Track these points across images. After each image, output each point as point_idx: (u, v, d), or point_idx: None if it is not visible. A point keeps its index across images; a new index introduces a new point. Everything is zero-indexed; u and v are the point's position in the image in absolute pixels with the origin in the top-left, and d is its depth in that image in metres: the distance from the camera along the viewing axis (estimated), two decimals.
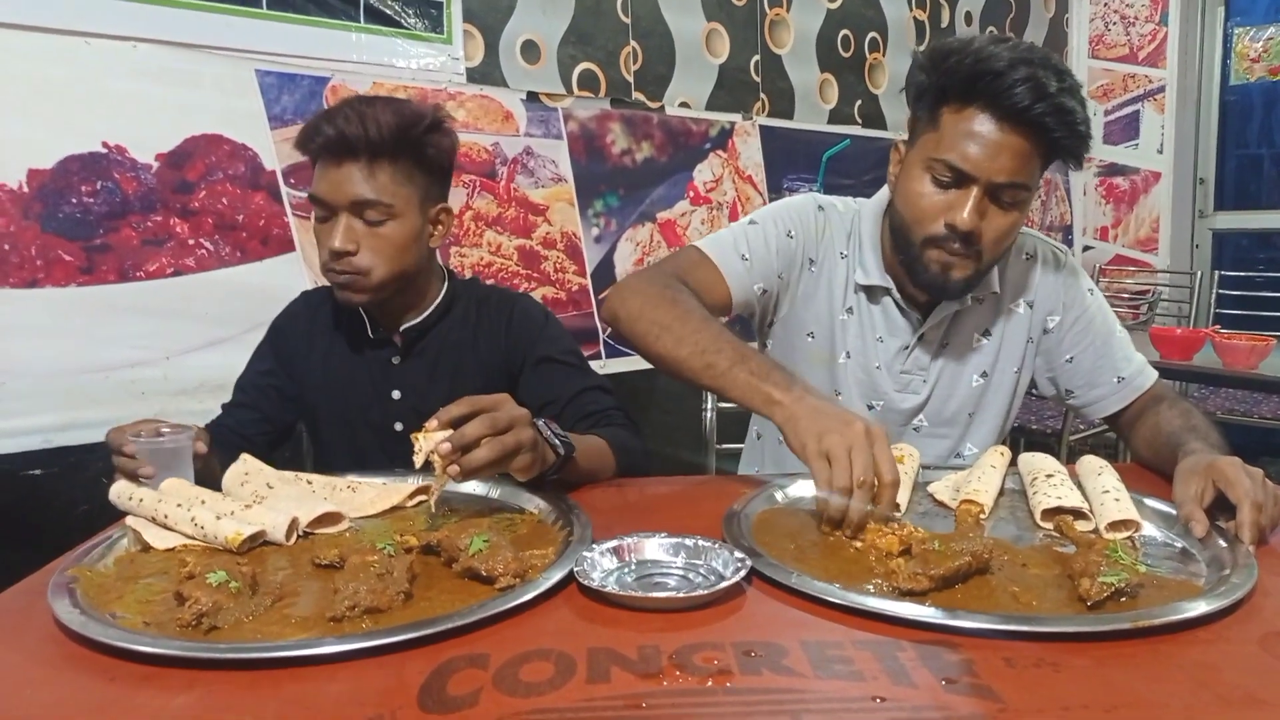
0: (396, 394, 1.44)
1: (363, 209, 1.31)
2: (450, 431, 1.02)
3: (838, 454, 0.98)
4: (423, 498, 1.16)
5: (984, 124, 1.19)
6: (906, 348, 1.42)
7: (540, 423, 1.14)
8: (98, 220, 1.95)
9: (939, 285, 1.30)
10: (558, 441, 1.14)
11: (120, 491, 1.07)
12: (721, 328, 1.22)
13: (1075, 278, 1.45)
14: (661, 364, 1.26)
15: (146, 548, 0.99)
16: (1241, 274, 4.15)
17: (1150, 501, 1.08)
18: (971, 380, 1.44)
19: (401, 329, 1.44)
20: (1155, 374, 1.44)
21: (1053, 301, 1.44)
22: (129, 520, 1.03)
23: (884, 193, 1.41)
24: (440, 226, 1.42)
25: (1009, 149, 1.19)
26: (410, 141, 1.32)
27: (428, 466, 1.02)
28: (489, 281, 2.56)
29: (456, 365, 1.45)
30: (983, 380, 1.44)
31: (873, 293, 1.42)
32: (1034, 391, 1.52)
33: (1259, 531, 0.96)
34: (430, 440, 1.01)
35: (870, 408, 1.44)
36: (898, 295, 1.40)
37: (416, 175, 1.35)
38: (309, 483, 1.17)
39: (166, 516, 1.01)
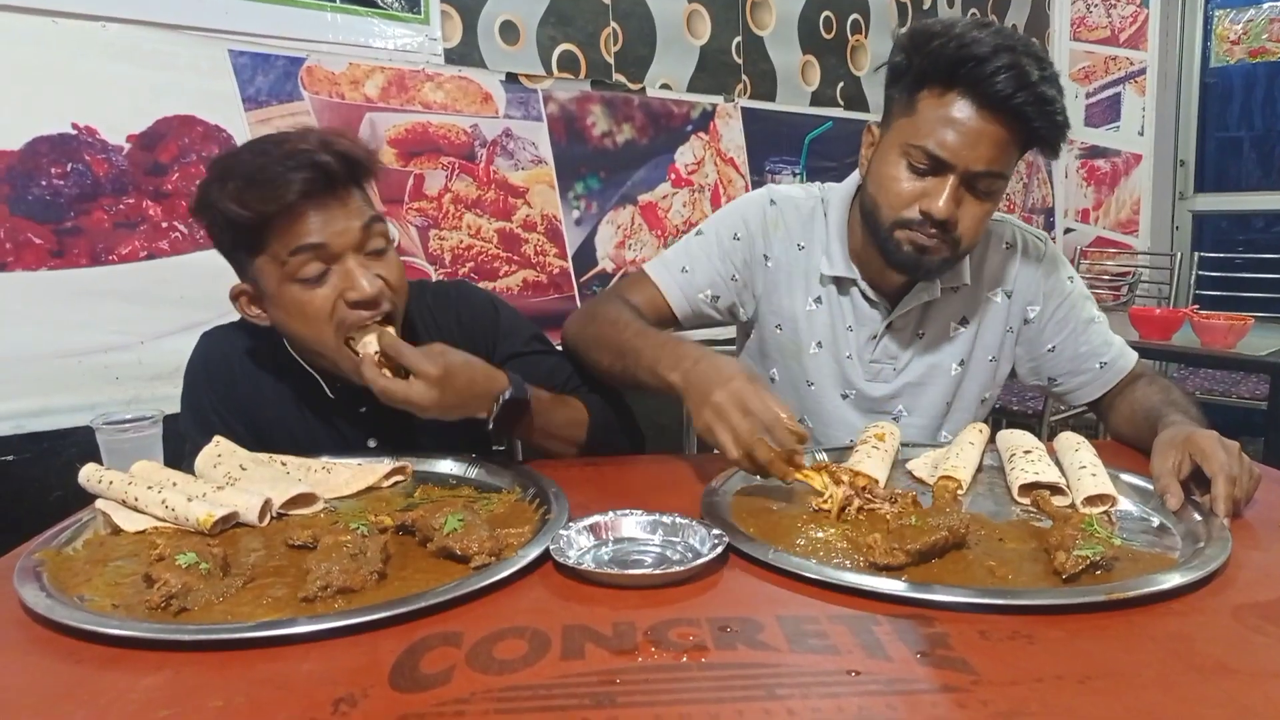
0: (372, 442, 1.30)
1: (368, 239, 1.15)
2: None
3: (731, 421, 1.03)
4: (399, 478, 1.15)
5: (963, 111, 1.17)
6: (875, 336, 1.40)
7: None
8: (68, 203, 1.91)
9: (912, 265, 1.27)
10: (508, 389, 1.16)
11: (90, 474, 1.05)
12: (629, 324, 1.27)
13: (1055, 266, 1.43)
14: (608, 380, 1.32)
15: (116, 530, 0.98)
16: (1221, 255, 4.17)
17: (1126, 477, 1.08)
18: (950, 369, 1.43)
19: None
20: (1135, 355, 1.44)
21: (1032, 292, 1.42)
22: (98, 503, 1.02)
23: (854, 178, 1.39)
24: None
25: (988, 137, 1.17)
26: (376, 160, 1.21)
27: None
28: (467, 265, 2.57)
29: None
30: (960, 369, 1.43)
31: (840, 283, 1.40)
32: (1015, 379, 1.52)
33: (1233, 505, 0.96)
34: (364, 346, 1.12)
35: (844, 396, 1.44)
36: (864, 285, 1.38)
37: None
38: (283, 464, 1.15)
39: (137, 499, 1.00)
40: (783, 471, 1.01)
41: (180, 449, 1.24)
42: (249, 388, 1.30)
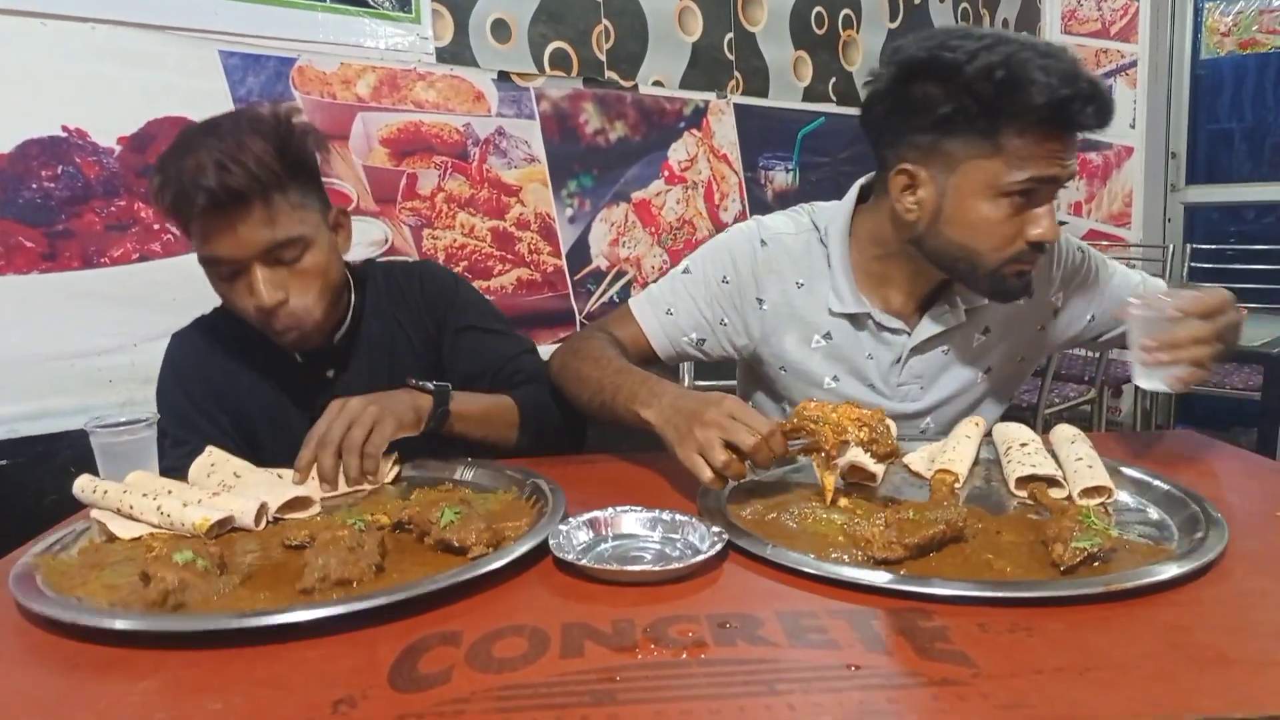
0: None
1: (277, 252, 1.18)
2: None
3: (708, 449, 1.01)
4: (396, 469, 1.17)
5: (1054, 135, 1.16)
6: (899, 360, 1.38)
7: (410, 382, 1.22)
8: (59, 205, 1.91)
9: (1022, 289, 1.26)
10: (431, 386, 1.20)
11: (84, 485, 1.04)
12: (610, 361, 1.26)
13: (1065, 247, 1.42)
14: (589, 416, 1.32)
15: (112, 538, 0.97)
16: (1213, 247, 4.19)
17: (1123, 469, 1.08)
18: (977, 379, 1.42)
19: (335, 342, 1.34)
20: (1161, 283, 1.49)
21: (1052, 283, 1.42)
22: (94, 513, 1.01)
23: (846, 205, 1.36)
24: (343, 230, 1.30)
25: (1072, 147, 1.18)
26: (293, 161, 1.18)
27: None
28: (461, 264, 2.56)
29: (390, 354, 1.38)
30: (986, 376, 1.42)
31: (855, 318, 1.37)
32: (1083, 350, 1.55)
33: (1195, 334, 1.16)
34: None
35: None
36: (880, 316, 1.35)
37: (308, 190, 1.22)
38: (278, 475, 1.14)
39: (132, 507, 0.99)
40: (780, 448, 1.01)
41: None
42: (223, 378, 1.34)
